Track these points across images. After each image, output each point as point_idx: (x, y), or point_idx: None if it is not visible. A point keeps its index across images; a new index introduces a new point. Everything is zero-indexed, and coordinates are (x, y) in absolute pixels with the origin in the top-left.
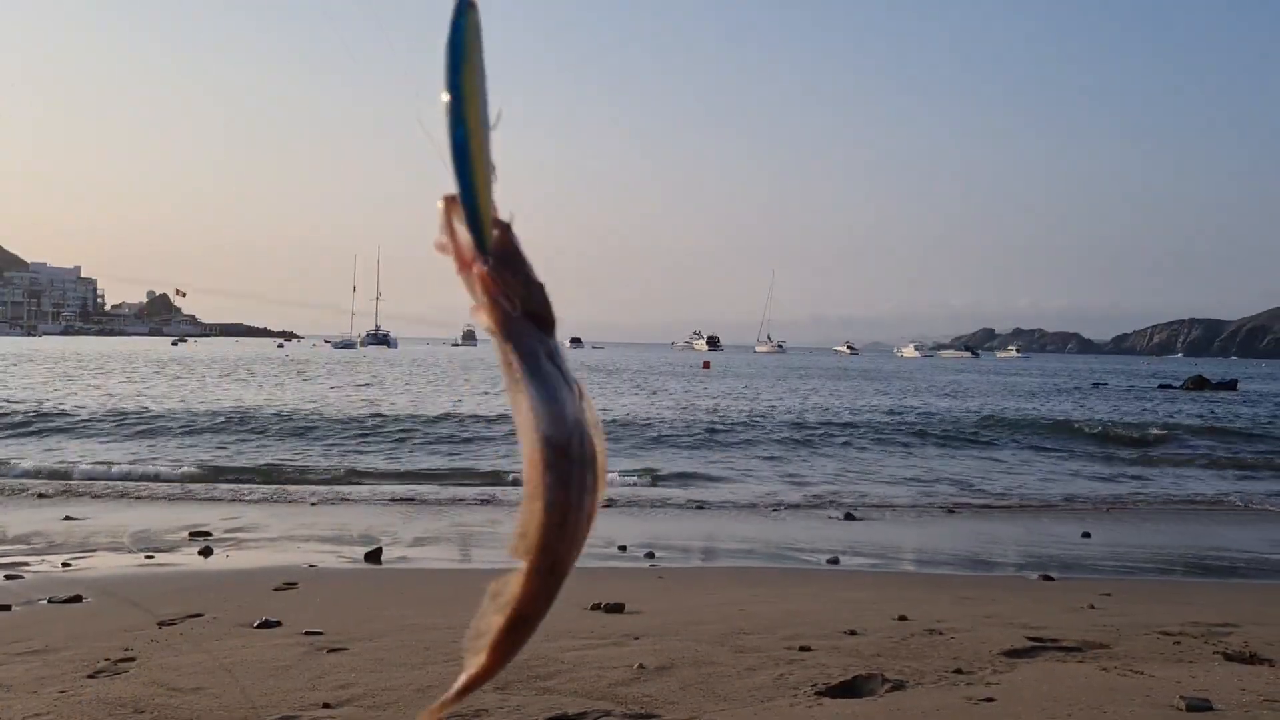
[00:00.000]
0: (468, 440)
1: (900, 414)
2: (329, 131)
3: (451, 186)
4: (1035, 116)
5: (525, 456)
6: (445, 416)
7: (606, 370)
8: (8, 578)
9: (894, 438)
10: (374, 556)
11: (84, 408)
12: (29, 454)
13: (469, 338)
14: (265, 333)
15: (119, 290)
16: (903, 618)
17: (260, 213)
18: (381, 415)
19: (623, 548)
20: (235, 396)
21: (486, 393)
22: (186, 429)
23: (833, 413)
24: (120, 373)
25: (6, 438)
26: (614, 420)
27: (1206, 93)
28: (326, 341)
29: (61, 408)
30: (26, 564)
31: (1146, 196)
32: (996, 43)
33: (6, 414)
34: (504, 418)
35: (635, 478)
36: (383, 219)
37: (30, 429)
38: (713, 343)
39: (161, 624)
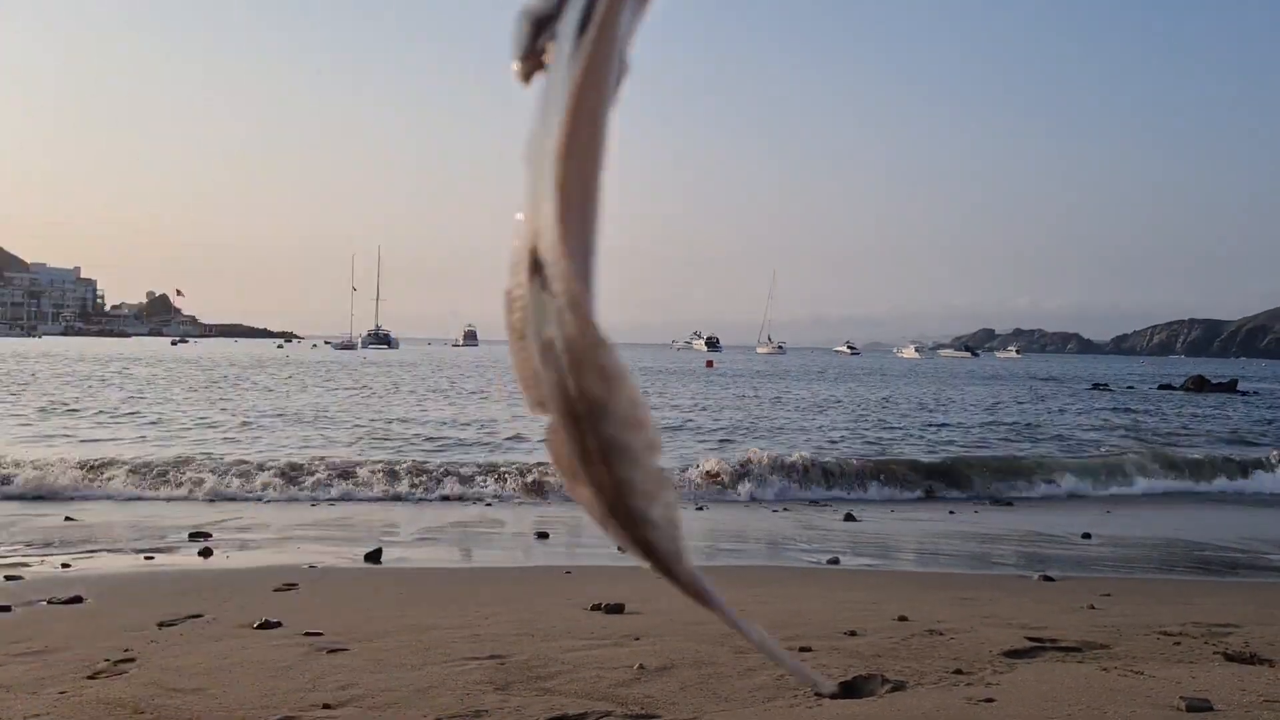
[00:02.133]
0: None
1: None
2: (327, 130)
3: None
4: (1036, 116)
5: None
6: None
7: None
8: (7, 578)
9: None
10: (374, 556)
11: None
12: None
13: (470, 338)
14: (265, 333)
15: (118, 291)
16: (903, 618)
17: (259, 213)
18: None
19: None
20: None
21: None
22: None
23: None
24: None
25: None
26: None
27: (1207, 92)
28: (327, 342)
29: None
30: (26, 564)
31: (1147, 197)
32: (998, 42)
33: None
34: None
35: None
36: (381, 219)
37: None
38: (712, 343)
39: (161, 624)
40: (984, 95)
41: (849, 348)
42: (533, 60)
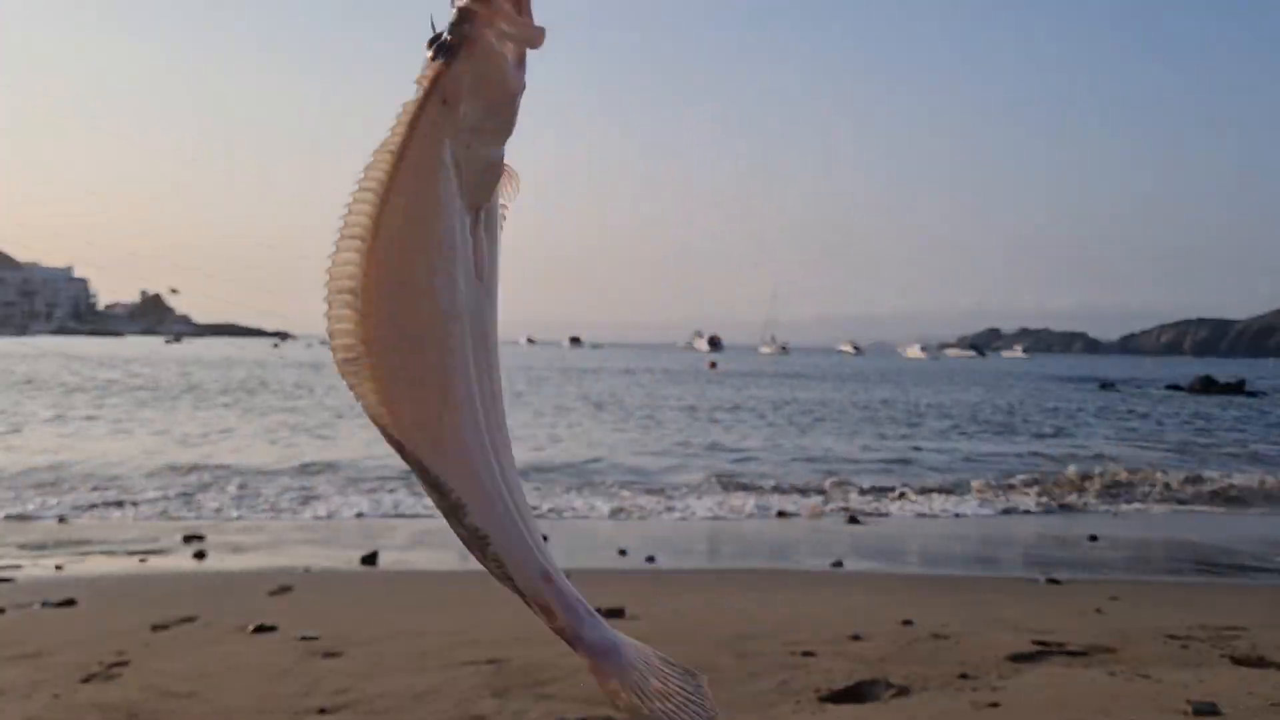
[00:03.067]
0: None
1: None
2: (323, 126)
3: None
4: (1042, 115)
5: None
6: None
7: (616, 373)
8: (0, 580)
9: None
10: (370, 559)
11: None
12: None
13: None
14: (260, 333)
15: (112, 290)
16: (907, 622)
17: (254, 211)
18: None
19: (623, 551)
20: None
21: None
22: None
23: None
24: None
25: None
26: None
27: (1215, 92)
28: (322, 342)
29: None
30: (19, 566)
31: (1153, 195)
32: (1005, 41)
33: None
34: None
35: None
36: None
37: None
38: (714, 343)
39: (155, 628)
40: (992, 93)
41: (853, 347)
42: None
